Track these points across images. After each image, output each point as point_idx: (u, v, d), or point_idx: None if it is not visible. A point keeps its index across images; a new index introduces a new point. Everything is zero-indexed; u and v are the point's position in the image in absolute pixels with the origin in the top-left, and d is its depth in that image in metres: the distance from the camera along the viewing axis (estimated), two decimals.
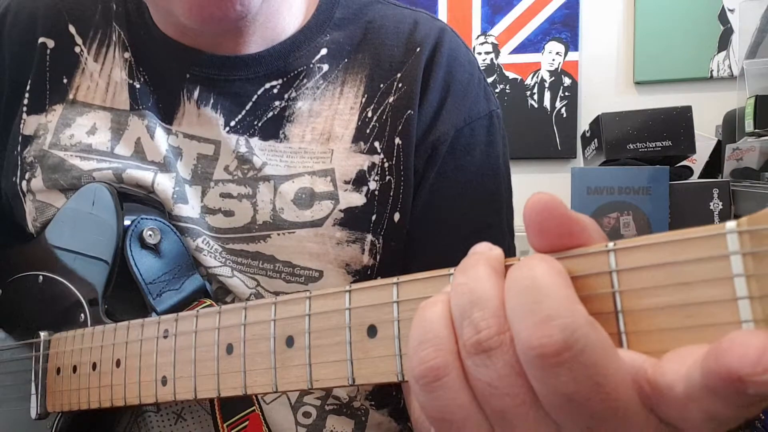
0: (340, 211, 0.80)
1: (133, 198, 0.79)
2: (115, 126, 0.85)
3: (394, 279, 0.45)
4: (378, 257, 0.82)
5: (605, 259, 0.36)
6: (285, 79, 0.84)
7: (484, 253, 0.40)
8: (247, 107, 0.83)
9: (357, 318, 0.46)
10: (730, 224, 0.32)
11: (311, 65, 0.85)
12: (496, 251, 0.40)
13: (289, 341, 0.51)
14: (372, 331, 0.46)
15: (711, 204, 1.74)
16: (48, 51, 0.88)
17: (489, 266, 0.38)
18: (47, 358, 0.77)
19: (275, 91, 0.84)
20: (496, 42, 2.64)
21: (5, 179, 0.89)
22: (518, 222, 0.88)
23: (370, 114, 0.83)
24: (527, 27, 2.60)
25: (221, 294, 0.82)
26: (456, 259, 0.40)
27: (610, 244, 0.35)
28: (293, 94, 0.84)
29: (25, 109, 0.88)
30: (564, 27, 2.57)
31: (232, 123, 0.83)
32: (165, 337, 0.62)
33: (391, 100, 0.83)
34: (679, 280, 0.33)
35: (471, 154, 0.85)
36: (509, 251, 0.85)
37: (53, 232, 0.84)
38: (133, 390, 0.65)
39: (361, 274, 0.81)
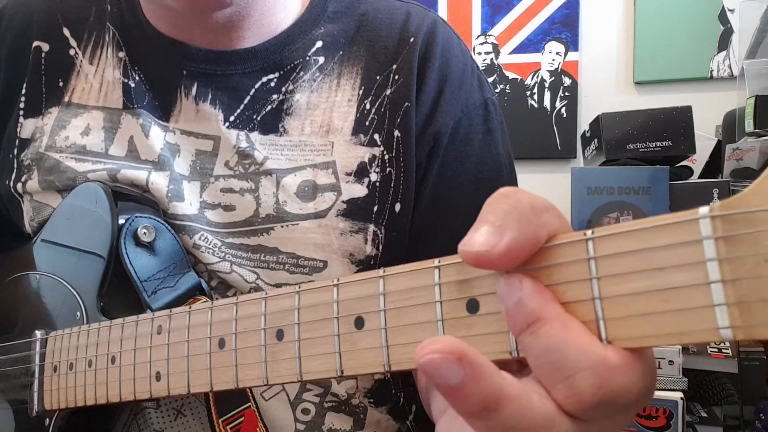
0: (343, 202, 0.81)
1: (127, 197, 0.80)
2: (108, 125, 0.85)
3: (381, 271, 0.45)
4: (380, 247, 0.82)
5: (583, 247, 0.36)
6: (282, 72, 0.85)
7: None
8: (246, 101, 0.84)
9: (345, 310, 0.47)
10: (703, 209, 0.32)
11: (307, 58, 0.85)
12: None
13: (279, 334, 0.51)
14: (359, 322, 0.46)
15: (711, 204, 1.74)
16: (43, 54, 0.89)
17: None
18: (44, 356, 0.77)
19: (272, 84, 0.84)
20: (496, 42, 2.64)
21: (0, 181, 0.90)
22: None
23: (368, 106, 0.84)
24: (527, 27, 2.61)
25: (222, 289, 0.82)
26: None
27: (588, 233, 0.36)
28: (290, 87, 0.84)
29: (21, 112, 0.88)
30: (564, 27, 2.58)
31: (231, 118, 0.83)
32: (159, 333, 0.63)
33: (388, 92, 0.84)
34: (655, 265, 0.33)
35: (470, 144, 0.86)
36: None
37: (49, 230, 0.84)
38: (128, 386, 0.65)
39: (364, 264, 0.82)
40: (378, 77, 0.85)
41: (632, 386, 0.36)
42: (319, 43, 0.86)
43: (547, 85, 2.58)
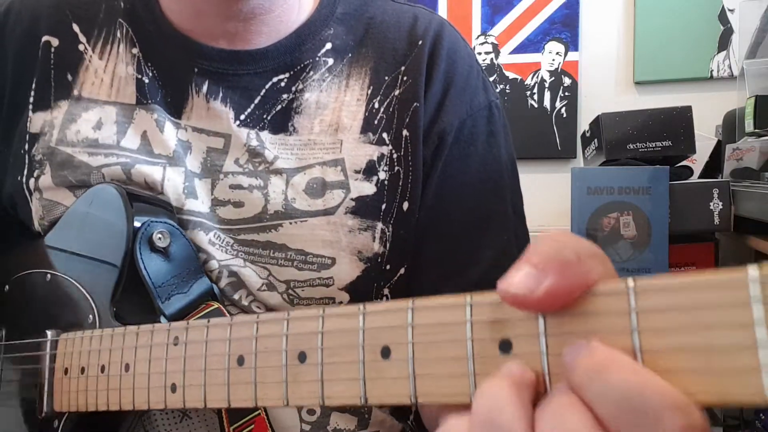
0: (352, 199, 0.82)
1: (141, 199, 0.80)
2: (121, 120, 0.86)
3: (410, 302, 0.45)
4: (388, 245, 0.84)
5: (625, 298, 0.35)
6: (292, 72, 0.86)
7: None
8: (256, 101, 0.85)
9: (371, 338, 0.46)
10: (753, 272, 0.31)
11: (317, 58, 0.87)
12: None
13: (302, 356, 0.51)
14: (386, 352, 0.45)
15: (711, 204, 1.74)
16: (52, 49, 0.89)
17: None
18: (54, 357, 0.77)
19: (283, 84, 0.86)
20: (496, 42, 2.63)
21: (11, 178, 0.89)
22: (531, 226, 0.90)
23: (376, 105, 0.85)
24: (527, 27, 2.60)
25: (234, 286, 0.83)
26: (464, 246, 0.40)
27: (630, 283, 0.35)
28: (300, 86, 0.86)
29: (30, 107, 0.89)
30: (564, 27, 2.57)
31: (242, 117, 0.85)
32: (175, 344, 0.63)
33: (396, 93, 0.86)
34: (700, 323, 0.33)
35: (474, 144, 0.87)
36: (517, 236, 0.88)
37: (61, 235, 0.84)
38: (142, 395, 0.65)
39: (372, 262, 0.83)
40: (386, 78, 0.87)
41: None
42: (328, 45, 0.88)
43: (547, 85, 2.58)
